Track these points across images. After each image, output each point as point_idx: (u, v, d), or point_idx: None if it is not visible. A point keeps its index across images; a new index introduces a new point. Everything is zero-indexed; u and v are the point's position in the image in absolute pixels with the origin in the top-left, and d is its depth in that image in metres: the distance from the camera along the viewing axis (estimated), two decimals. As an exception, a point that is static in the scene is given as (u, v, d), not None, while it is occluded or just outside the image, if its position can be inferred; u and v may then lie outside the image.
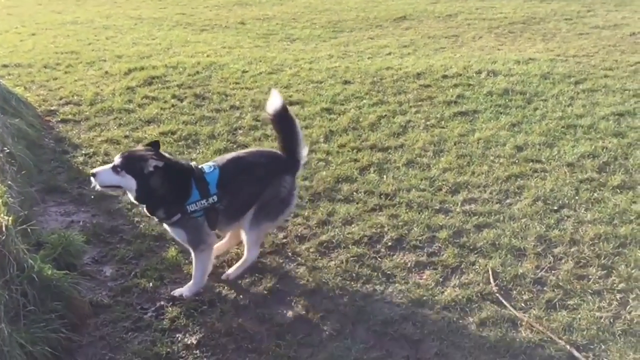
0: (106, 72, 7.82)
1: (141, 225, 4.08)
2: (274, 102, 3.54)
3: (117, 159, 3.24)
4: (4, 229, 3.03)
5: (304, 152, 3.68)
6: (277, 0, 14.67)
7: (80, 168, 4.95)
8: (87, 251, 3.72)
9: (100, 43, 9.83)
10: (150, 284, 3.46)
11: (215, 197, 3.36)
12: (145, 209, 3.39)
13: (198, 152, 5.26)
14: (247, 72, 7.80)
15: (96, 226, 4.07)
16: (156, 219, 3.50)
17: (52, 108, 6.46)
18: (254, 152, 3.87)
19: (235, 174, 3.48)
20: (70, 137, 5.64)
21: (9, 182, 3.77)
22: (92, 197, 4.38)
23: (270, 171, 3.56)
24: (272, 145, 5.33)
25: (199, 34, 10.72)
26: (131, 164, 3.23)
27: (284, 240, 3.88)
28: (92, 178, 3.28)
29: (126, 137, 5.64)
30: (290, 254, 3.74)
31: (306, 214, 4.20)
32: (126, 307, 3.28)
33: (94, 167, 4.91)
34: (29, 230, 3.26)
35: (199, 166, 3.47)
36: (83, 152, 5.26)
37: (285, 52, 9.13)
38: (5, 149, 4.27)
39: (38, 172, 4.76)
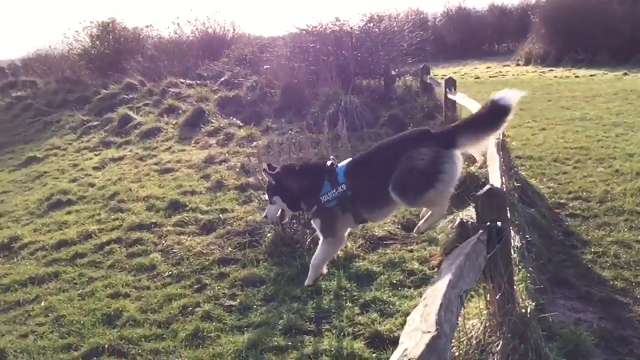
0: (616, 171, 7.63)
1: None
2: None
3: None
4: (528, 313, 3.29)
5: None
6: None
7: (589, 266, 4.93)
8: (596, 355, 3.62)
9: (610, 140, 9.67)
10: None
11: (343, 186, 3.68)
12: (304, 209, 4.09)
13: None
14: None
15: (603, 330, 3.93)
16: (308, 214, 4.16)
17: (561, 201, 6.68)
18: (395, 137, 3.95)
19: (359, 160, 3.80)
20: (579, 232, 5.70)
21: (530, 269, 4.07)
22: (601, 298, 4.31)
23: (400, 148, 3.56)
24: None
25: None
26: (269, 190, 4.05)
27: None
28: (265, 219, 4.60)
29: (637, 241, 5.33)
30: None
31: None
32: None
33: (603, 268, 4.85)
34: (550, 319, 3.42)
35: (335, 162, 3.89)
36: (592, 249, 5.22)
37: None
38: (527, 236, 4.64)
39: (548, 262, 4.97)
